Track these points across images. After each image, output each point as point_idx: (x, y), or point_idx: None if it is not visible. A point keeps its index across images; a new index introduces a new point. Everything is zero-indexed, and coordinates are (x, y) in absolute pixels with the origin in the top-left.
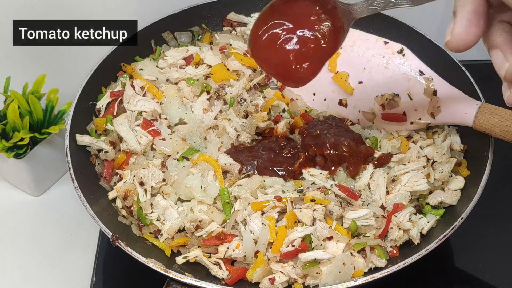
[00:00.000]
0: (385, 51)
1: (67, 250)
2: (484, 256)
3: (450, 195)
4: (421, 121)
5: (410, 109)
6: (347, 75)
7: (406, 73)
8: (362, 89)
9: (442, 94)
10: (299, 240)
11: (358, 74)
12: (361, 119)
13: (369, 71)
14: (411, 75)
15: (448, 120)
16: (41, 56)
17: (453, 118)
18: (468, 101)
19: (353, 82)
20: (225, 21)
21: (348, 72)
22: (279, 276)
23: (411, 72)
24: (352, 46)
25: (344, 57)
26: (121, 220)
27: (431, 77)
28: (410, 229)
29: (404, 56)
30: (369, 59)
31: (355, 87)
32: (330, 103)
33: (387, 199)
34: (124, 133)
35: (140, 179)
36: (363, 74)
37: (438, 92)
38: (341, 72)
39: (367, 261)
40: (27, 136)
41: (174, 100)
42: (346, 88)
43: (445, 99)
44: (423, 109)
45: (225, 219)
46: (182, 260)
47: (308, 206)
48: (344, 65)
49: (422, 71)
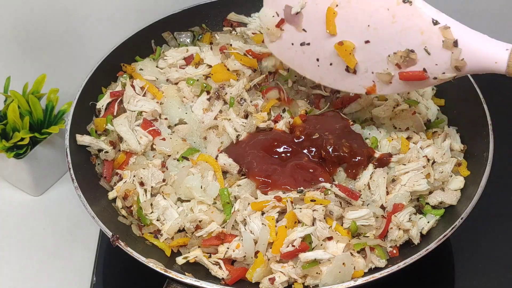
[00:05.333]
0: (388, 2)
1: (67, 250)
2: (484, 256)
3: (450, 195)
4: (446, 75)
5: (431, 65)
6: (352, 48)
7: (417, 25)
8: (371, 48)
9: (465, 43)
10: (299, 240)
11: (362, 33)
12: (376, 82)
13: (374, 28)
14: (424, 26)
15: (477, 71)
16: (41, 56)
17: (481, 68)
18: (497, 46)
19: (359, 42)
20: (225, 21)
21: (349, 34)
22: (279, 276)
23: (423, 23)
24: (348, 1)
25: (343, 15)
26: (121, 220)
27: (447, 25)
28: (410, 229)
29: (411, 5)
30: (371, 14)
31: (362, 48)
32: (336, 69)
33: (387, 199)
34: (124, 133)
35: (140, 179)
36: (368, 32)
37: (459, 42)
38: (345, 42)
39: (367, 261)
40: (27, 136)
41: (174, 100)
42: (350, 62)
43: (469, 48)
44: (445, 63)
45: (225, 219)
46: (182, 260)
47: (308, 206)
48: (343, 24)
49: (436, 19)
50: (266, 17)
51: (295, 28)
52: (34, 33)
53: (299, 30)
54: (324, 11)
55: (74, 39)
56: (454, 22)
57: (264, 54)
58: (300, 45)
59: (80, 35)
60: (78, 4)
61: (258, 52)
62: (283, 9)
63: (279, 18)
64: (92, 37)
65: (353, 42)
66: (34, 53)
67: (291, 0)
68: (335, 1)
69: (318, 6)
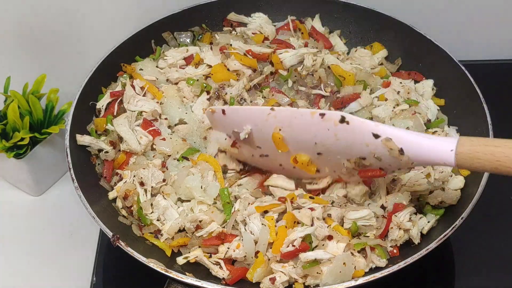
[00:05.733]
0: (326, 123)
1: (67, 250)
2: (485, 256)
3: (450, 195)
4: (402, 171)
5: (385, 166)
6: (307, 160)
7: (361, 139)
8: (325, 158)
9: (410, 150)
10: (299, 240)
11: (311, 148)
12: (341, 176)
13: (322, 144)
14: (367, 140)
15: (430, 165)
16: (41, 56)
17: (433, 164)
18: (442, 147)
19: (312, 155)
20: (225, 21)
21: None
22: (280, 276)
23: (366, 138)
24: (289, 125)
25: (289, 137)
26: (121, 220)
27: (388, 137)
28: (410, 229)
29: (349, 124)
30: (314, 134)
31: (317, 158)
32: (301, 171)
33: (387, 199)
34: (124, 133)
35: (140, 179)
36: (317, 147)
37: (404, 150)
38: (299, 157)
39: (368, 261)
40: (27, 136)
41: (174, 100)
42: (310, 171)
43: (415, 153)
44: (398, 164)
45: (225, 219)
46: (182, 260)
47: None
48: (293, 143)
49: (376, 133)
50: (219, 140)
51: (249, 146)
52: (34, 33)
53: (254, 147)
54: (270, 135)
55: (74, 39)
56: (395, 132)
57: (264, 54)
58: (260, 156)
59: (80, 35)
60: (78, 4)
61: (258, 52)
62: (232, 134)
63: (231, 140)
64: (92, 37)
65: (307, 155)
66: (34, 53)
67: (237, 126)
68: (277, 126)
69: (263, 131)
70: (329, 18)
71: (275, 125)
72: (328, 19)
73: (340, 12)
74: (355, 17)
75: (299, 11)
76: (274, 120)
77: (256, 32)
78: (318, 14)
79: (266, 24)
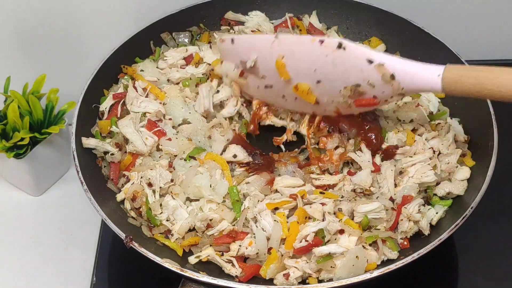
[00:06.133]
0: (324, 50)
1: (67, 250)
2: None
3: (457, 186)
4: (394, 99)
5: (378, 93)
6: (308, 88)
7: (356, 65)
8: (324, 86)
9: (400, 75)
10: (312, 235)
11: (312, 75)
12: (339, 107)
13: (320, 71)
14: (361, 65)
15: (418, 91)
16: (41, 56)
17: (422, 91)
18: (429, 72)
19: (312, 83)
20: (223, 20)
21: (301, 77)
22: (293, 272)
23: (360, 63)
24: (291, 53)
25: (291, 64)
26: (131, 221)
27: (381, 62)
28: (420, 220)
29: (345, 50)
30: (313, 61)
31: (316, 86)
32: (301, 101)
33: (396, 191)
34: (130, 134)
35: (148, 180)
36: (316, 74)
37: (395, 75)
38: (300, 85)
39: (380, 254)
40: (27, 136)
41: (177, 100)
42: (309, 99)
43: (405, 78)
44: (390, 91)
45: (235, 217)
46: (194, 259)
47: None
48: (294, 70)
49: (370, 58)
50: (228, 70)
51: (255, 76)
52: (34, 33)
53: (259, 77)
54: (274, 62)
55: (74, 39)
56: (388, 58)
57: None
58: (265, 87)
59: (80, 35)
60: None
61: None
62: (240, 63)
63: (239, 70)
64: (92, 37)
65: (307, 83)
66: (34, 53)
67: (244, 55)
68: (280, 54)
69: (268, 59)
70: (326, 14)
71: (279, 53)
72: (325, 16)
73: (336, 8)
74: (351, 12)
75: (296, 8)
76: (278, 48)
77: (254, 30)
78: (315, 10)
79: (263, 22)
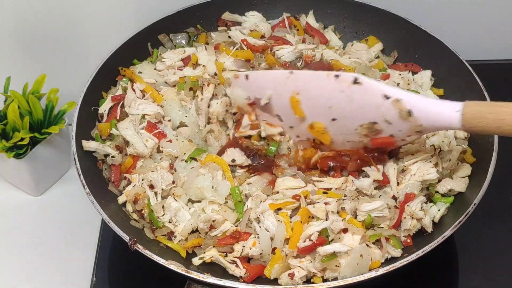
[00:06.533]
0: (340, 85)
1: (67, 250)
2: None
3: (458, 183)
4: (411, 137)
5: (395, 131)
6: (323, 127)
7: (372, 101)
8: (339, 124)
9: (418, 112)
10: (316, 234)
11: (326, 113)
12: (354, 147)
13: (335, 108)
14: (378, 101)
15: (437, 128)
16: (41, 56)
17: (440, 129)
18: (448, 109)
19: (327, 121)
20: (220, 21)
21: (316, 115)
22: (298, 271)
23: (377, 99)
24: (306, 89)
25: (305, 101)
26: (133, 224)
27: (398, 98)
28: (422, 217)
29: (361, 85)
30: (329, 97)
31: (332, 125)
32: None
33: (398, 189)
34: (130, 137)
35: (150, 182)
36: (331, 111)
37: (412, 112)
38: (315, 124)
39: (383, 252)
40: (27, 136)
41: (175, 103)
42: (325, 140)
43: (423, 115)
44: (407, 129)
45: (238, 218)
46: (198, 261)
47: (320, 198)
48: (309, 108)
49: (386, 94)
50: (238, 97)
51: (269, 115)
52: (34, 33)
53: (272, 115)
54: (288, 99)
55: (74, 39)
56: (405, 94)
57: (259, 47)
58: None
59: (79, 35)
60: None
61: (254, 43)
62: (254, 99)
63: (250, 100)
64: (92, 37)
65: (322, 122)
66: (34, 53)
67: (258, 92)
68: (295, 90)
69: (282, 96)
70: (323, 13)
71: (293, 90)
72: (322, 15)
73: (333, 8)
74: (348, 11)
75: (293, 8)
76: (292, 84)
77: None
78: (311, 10)
79: (261, 22)
